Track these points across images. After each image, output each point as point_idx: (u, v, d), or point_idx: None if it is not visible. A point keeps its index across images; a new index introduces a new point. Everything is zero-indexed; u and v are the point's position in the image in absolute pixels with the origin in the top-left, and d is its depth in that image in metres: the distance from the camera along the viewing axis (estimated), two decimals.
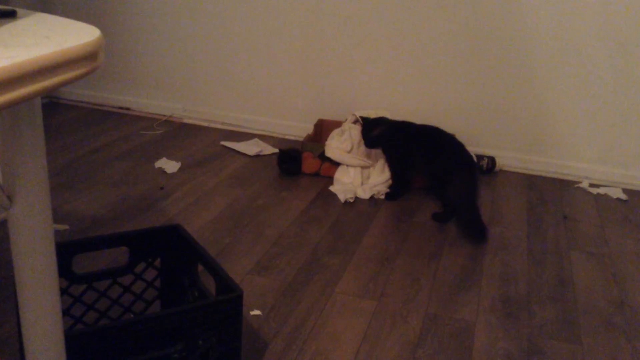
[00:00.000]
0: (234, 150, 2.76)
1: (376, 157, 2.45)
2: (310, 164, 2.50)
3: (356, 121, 2.58)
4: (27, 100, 0.57)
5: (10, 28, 0.68)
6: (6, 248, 1.80)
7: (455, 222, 2.17)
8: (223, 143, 2.82)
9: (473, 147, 2.71)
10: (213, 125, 3.07)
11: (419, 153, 2.30)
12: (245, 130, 3.03)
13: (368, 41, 2.74)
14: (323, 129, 2.75)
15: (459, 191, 2.14)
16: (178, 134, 2.92)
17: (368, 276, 1.81)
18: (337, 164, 2.47)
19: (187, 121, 3.11)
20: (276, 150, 2.76)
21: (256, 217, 2.13)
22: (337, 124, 2.67)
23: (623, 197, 2.50)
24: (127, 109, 3.21)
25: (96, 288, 1.39)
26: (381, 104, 2.81)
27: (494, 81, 2.65)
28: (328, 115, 2.88)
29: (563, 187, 2.58)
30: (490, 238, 2.09)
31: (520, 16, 2.54)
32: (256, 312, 1.59)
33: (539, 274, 1.89)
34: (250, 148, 2.75)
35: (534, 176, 2.69)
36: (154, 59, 3.10)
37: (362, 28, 2.73)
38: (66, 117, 3.07)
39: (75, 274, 1.35)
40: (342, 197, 2.30)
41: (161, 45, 3.06)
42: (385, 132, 2.33)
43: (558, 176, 2.69)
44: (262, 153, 2.74)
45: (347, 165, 2.45)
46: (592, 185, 2.61)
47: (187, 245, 1.41)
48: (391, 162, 2.40)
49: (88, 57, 0.64)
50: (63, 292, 1.34)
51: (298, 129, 2.96)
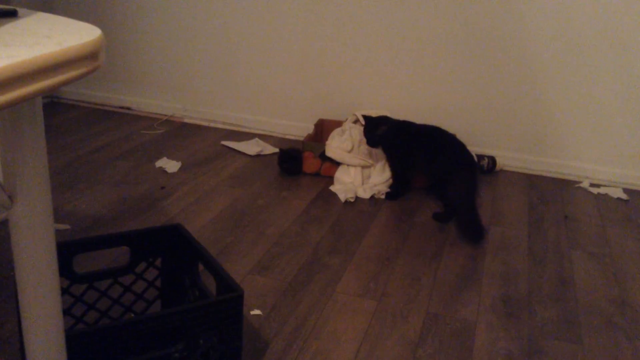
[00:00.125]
0: (235, 150, 2.76)
1: (377, 157, 2.45)
2: (310, 164, 2.50)
3: (356, 121, 2.58)
4: (28, 99, 0.57)
5: (11, 27, 0.68)
6: (7, 247, 1.80)
7: (455, 222, 2.17)
8: (224, 143, 2.82)
9: (474, 147, 2.71)
10: (214, 125, 3.07)
11: (420, 153, 2.30)
12: (245, 130, 3.03)
13: (368, 41, 2.74)
14: (323, 129, 2.75)
15: (459, 191, 2.14)
16: (179, 134, 2.92)
17: (369, 276, 1.81)
18: (338, 164, 2.47)
19: (188, 121, 3.11)
20: (277, 150, 2.76)
21: (257, 217, 2.13)
22: (338, 124, 2.68)
23: (624, 197, 2.50)
24: (128, 109, 3.22)
25: (97, 288, 1.39)
26: (381, 104, 2.81)
27: (495, 81, 2.65)
28: (328, 115, 2.88)
29: (564, 187, 2.58)
30: (490, 238, 2.09)
31: (520, 16, 2.54)
32: (257, 312, 1.59)
33: (540, 274, 1.89)
34: (250, 148, 2.75)
35: (535, 176, 2.69)
36: (155, 59, 3.10)
37: (363, 28, 2.73)
38: (67, 117, 3.07)
39: (76, 274, 1.35)
40: (343, 197, 2.30)
41: (162, 45, 3.06)
42: (387, 132, 2.33)
43: (559, 176, 2.69)
44: (263, 153, 2.74)
45: (348, 164, 2.45)
46: (593, 185, 2.61)
47: (188, 245, 1.41)
48: (392, 162, 2.40)
49: (89, 57, 0.64)
50: (64, 292, 1.34)
51: (298, 129, 2.96)
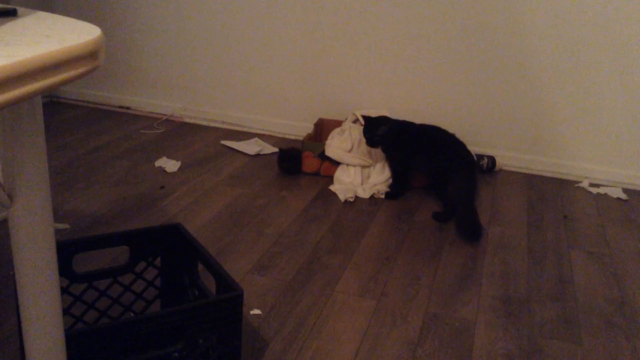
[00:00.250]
0: (234, 149, 2.76)
1: (376, 157, 2.45)
2: (310, 164, 2.50)
3: (356, 120, 2.58)
4: (28, 99, 0.57)
5: (11, 26, 0.68)
6: (6, 247, 1.80)
7: (454, 221, 2.16)
8: (223, 142, 2.82)
9: (473, 147, 2.71)
10: (213, 124, 3.07)
11: (420, 152, 2.31)
12: (245, 129, 3.03)
13: (368, 41, 2.74)
14: (323, 129, 2.75)
15: (458, 190, 2.14)
16: (178, 133, 2.92)
17: (368, 275, 1.81)
18: (337, 164, 2.47)
19: (187, 120, 3.11)
20: (276, 149, 2.76)
21: (256, 217, 2.13)
22: (337, 124, 2.68)
23: (623, 197, 2.50)
24: (128, 108, 3.21)
25: (96, 287, 1.39)
26: (381, 104, 2.81)
27: (494, 81, 2.65)
28: (328, 114, 2.88)
29: (563, 187, 2.58)
30: (490, 237, 2.09)
31: (520, 16, 2.54)
32: (256, 312, 1.59)
33: (539, 274, 1.89)
34: (250, 147, 2.75)
35: (534, 176, 2.69)
36: (155, 58, 3.10)
37: (363, 28, 2.73)
38: (66, 116, 3.07)
39: (75, 273, 1.35)
40: (342, 197, 2.30)
41: (162, 44, 3.06)
42: (387, 132, 2.33)
43: (558, 176, 2.69)
44: (262, 152, 2.74)
45: (347, 164, 2.45)
46: (592, 184, 2.61)
47: (188, 244, 1.41)
48: (391, 162, 2.40)
49: (89, 56, 0.64)
50: (63, 291, 1.34)
51: (298, 129, 2.96)
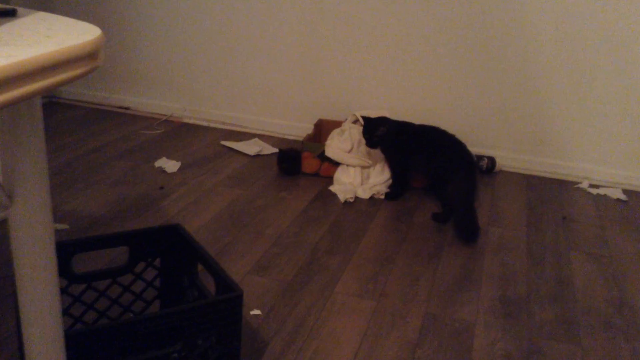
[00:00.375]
0: (234, 150, 2.76)
1: (376, 157, 2.45)
2: (310, 164, 2.50)
3: (356, 121, 2.58)
4: (27, 99, 0.57)
5: (10, 27, 0.68)
6: (6, 247, 1.80)
7: (452, 221, 2.16)
8: (223, 143, 2.82)
9: (473, 147, 2.71)
10: (213, 124, 3.07)
11: (419, 153, 2.31)
12: (245, 130, 3.03)
13: (368, 41, 2.74)
14: (323, 129, 2.75)
15: (457, 190, 2.14)
16: (178, 134, 2.92)
17: (368, 276, 1.81)
18: (337, 164, 2.47)
19: (187, 121, 3.11)
20: (276, 150, 2.76)
21: (256, 217, 2.13)
22: (337, 124, 2.67)
23: (623, 198, 2.50)
24: (127, 109, 3.21)
25: (96, 288, 1.39)
26: (381, 104, 2.81)
27: (494, 81, 2.65)
28: (328, 115, 2.88)
29: (563, 188, 2.58)
30: (489, 238, 2.09)
31: (520, 16, 2.54)
32: (256, 312, 1.59)
33: (539, 275, 1.89)
34: (250, 148, 2.75)
35: (534, 176, 2.69)
36: (154, 59, 3.10)
37: (362, 28, 2.73)
38: (66, 117, 3.07)
39: (74, 274, 1.35)
40: (342, 197, 2.30)
41: (161, 44, 3.06)
42: (387, 132, 2.33)
43: (558, 176, 2.69)
44: (262, 153, 2.74)
45: (347, 165, 2.45)
46: (592, 185, 2.61)
47: (187, 245, 1.41)
48: (391, 162, 2.40)
49: (88, 56, 0.64)
50: (63, 292, 1.34)
51: (298, 129, 2.96)
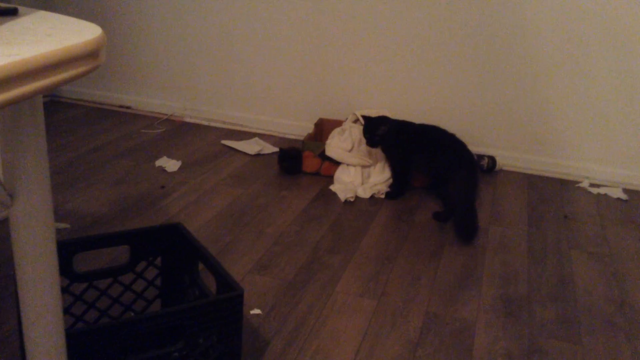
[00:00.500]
0: (235, 149, 2.76)
1: (376, 157, 2.45)
2: (310, 163, 2.50)
3: (356, 120, 2.58)
4: (29, 98, 0.57)
5: (11, 26, 0.68)
6: (7, 246, 1.80)
7: (452, 220, 2.16)
8: (223, 142, 2.82)
9: (474, 147, 2.71)
10: (213, 124, 3.07)
11: (420, 152, 2.30)
12: (245, 129, 3.03)
13: (369, 41, 2.74)
14: (323, 128, 2.75)
15: (458, 189, 2.14)
16: (179, 133, 2.92)
17: (368, 275, 1.81)
18: (338, 163, 2.47)
19: (188, 120, 3.11)
20: (276, 149, 2.76)
21: (256, 216, 2.13)
22: (338, 123, 2.68)
23: (623, 197, 2.50)
24: (128, 108, 3.21)
25: (97, 287, 1.39)
26: (381, 104, 2.81)
27: (495, 81, 2.65)
28: (328, 114, 2.88)
29: (563, 187, 2.58)
30: (490, 238, 2.09)
31: (520, 16, 2.53)
32: (256, 311, 1.59)
33: (540, 274, 1.89)
34: (250, 147, 2.75)
35: (535, 176, 2.69)
36: (155, 58, 3.10)
37: (363, 28, 2.73)
38: (67, 116, 3.07)
39: (76, 273, 1.35)
40: (343, 196, 2.30)
41: (162, 44, 3.06)
42: (387, 132, 2.33)
43: (558, 176, 2.69)
44: (263, 152, 2.74)
45: (348, 164, 2.45)
46: (593, 185, 2.61)
47: (188, 244, 1.41)
48: (391, 162, 2.40)
49: (89, 56, 0.64)
50: (64, 291, 1.34)
51: (298, 128, 2.96)
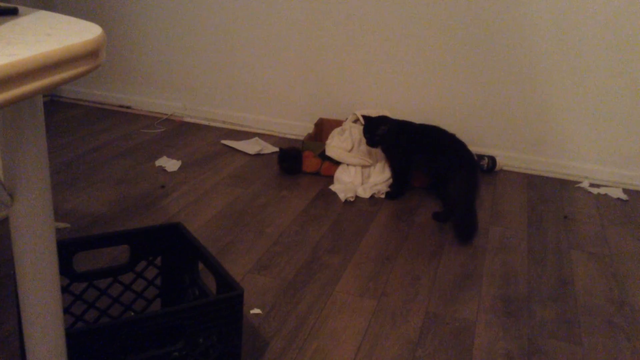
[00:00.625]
0: (235, 149, 2.76)
1: (376, 157, 2.45)
2: (310, 163, 2.50)
3: (356, 120, 2.58)
4: (29, 97, 0.57)
5: (11, 25, 0.68)
6: (7, 246, 1.80)
7: (451, 220, 2.17)
8: (223, 142, 2.82)
9: (474, 147, 2.71)
10: (213, 124, 3.07)
11: (420, 152, 2.30)
12: (245, 129, 3.03)
13: (369, 41, 2.74)
14: (323, 128, 2.75)
15: (458, 189, 2.14)
16: (179, 133, 2.92)
17: (368, 275, 1.81)
18: (338, 163, 2.47)
19: (188, 120, 3.11)
20: (276, 149, 2.76)
21: (256, 216, 2.13)
22: (338, 123, 2.68)
23: (623, 197, 2.50)
24: (128, 108, 3.21)
25: (97, 286, 1.39)
26: (381, 104, 2.81)
27: (495, 81, 2.65)
28: (329, 114, 2.88)
29: (563, 187, 2.58)
30: (490, 238, 2.09)
31: (520, 16, 2.53)
32: (256, 311, 1.59)
33: (539, 274, 1.89)
34: (250, 147, 2.75)
35: (535, 176, 2.69)
36: (155, 58, 3.10)
37: (363, 28, 2.73)
38: (67, 115, 3.07)
39: (76, 272, 1.35)
40: (343, 196, 2.30)
41: (162, 43, 3.06)
42: (387, 132, 2.33)
43: (558, 176, 2.69)
44: (263, 152, 2.74)
45: (348, 164, 2.45)
46: (593, 185, 2.61)
47: (188, 243, 1.41)
48: (391, 162, 2.40)
49: (89, 55, 0.64)
50: (64, 290, 1.34)
51: (298, 128, 2.96)
